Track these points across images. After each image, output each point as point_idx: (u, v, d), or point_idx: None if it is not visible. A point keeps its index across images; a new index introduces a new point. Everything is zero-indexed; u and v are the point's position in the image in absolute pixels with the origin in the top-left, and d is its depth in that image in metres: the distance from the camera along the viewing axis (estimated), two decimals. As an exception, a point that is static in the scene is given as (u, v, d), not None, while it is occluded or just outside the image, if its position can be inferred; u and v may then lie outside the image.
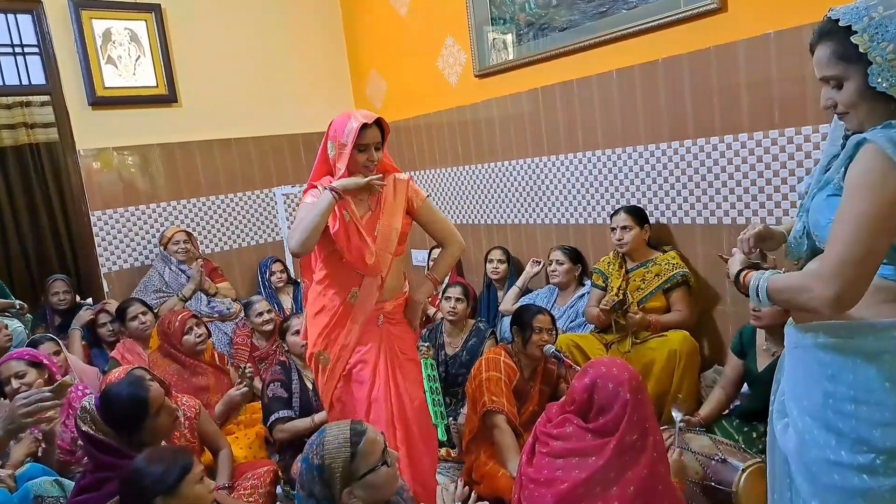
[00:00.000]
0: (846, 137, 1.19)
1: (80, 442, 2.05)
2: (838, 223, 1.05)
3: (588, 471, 1.63)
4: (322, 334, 2.09)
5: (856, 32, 1.05)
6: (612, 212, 2.96)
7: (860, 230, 1.02)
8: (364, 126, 1.97)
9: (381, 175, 2.03)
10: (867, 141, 1.04)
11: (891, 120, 1.07)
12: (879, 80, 1.03)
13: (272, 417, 2.60)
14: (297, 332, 2.69)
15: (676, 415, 2.14)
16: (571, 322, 3.11)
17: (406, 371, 2.17)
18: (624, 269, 2.87)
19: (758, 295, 1.17)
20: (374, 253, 2.02)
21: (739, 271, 1.25)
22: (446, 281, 3.44)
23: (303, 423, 2.59)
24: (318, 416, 2.56)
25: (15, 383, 2.31)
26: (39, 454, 2.17)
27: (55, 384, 1.61)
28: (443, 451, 2.67)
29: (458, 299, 3.09)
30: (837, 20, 1.08)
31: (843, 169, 1.09)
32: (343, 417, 2.06)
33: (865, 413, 1.07)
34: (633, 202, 3.03)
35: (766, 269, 1.23)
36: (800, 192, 1.28)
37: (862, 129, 1.13)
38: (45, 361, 2.44)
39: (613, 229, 2.87)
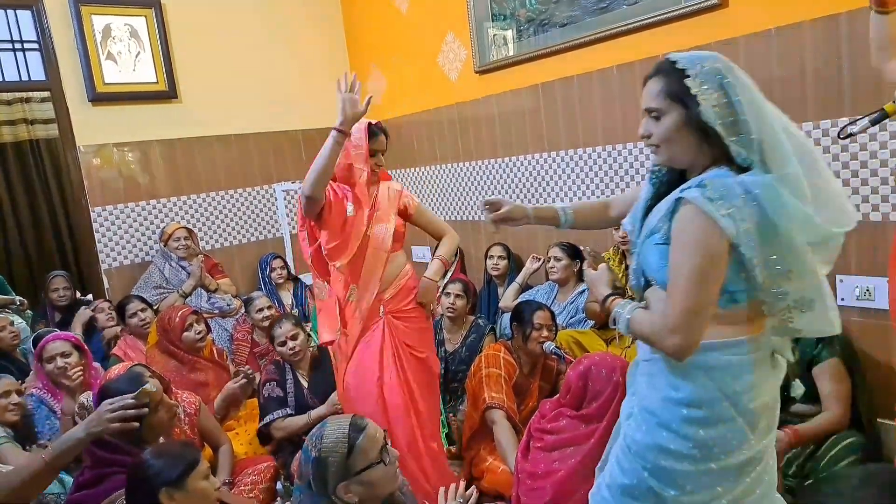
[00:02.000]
0: (653, 172, 1.35)
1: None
2: (674, 277, 1.18)
3: (581, 454, 1.65)
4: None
5: (689, 77, 1.18)
6: None
7: (694, 284, 1.15)
8: (374, 133, 2.15)
9: (370, 96, 2.10)
10: (686, 201, 1.15)
11: (695, 160, 1.22)
12: (708, 116, 1.16)
13: (268, 418, 2.61)
14: (284, 342, 2.71)
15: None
16: (571, 318, 3.11)
17: (414, 370, 2.24)
18: (623, 266, 2.87)
19: (617, 323, 1.33)
20: (349, 255, 2.15)
21: (607, 297, 1.39)
22: (448, 275, 3.45)
23: (299, 419, 2.59)
24: (315, 413, 2.57)
25: (60, 361, 2.41)
26: None
27: (137, 391, 1.70)
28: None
29: (457, 295, 3.09)
30: (675, 62, 1.21)
31: (668, 223, 1.21)
32: (352, 401, 2.17)
33: (694, 416, 1.24)
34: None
35: (628, 300, 1.35)
36: (625, 227, 1.40)
37: (669, 163, 1.28)
38: (85, 348, 2.54)
39: (618, 226, 2.85)
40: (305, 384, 2.72)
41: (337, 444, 1.41)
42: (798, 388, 2.19)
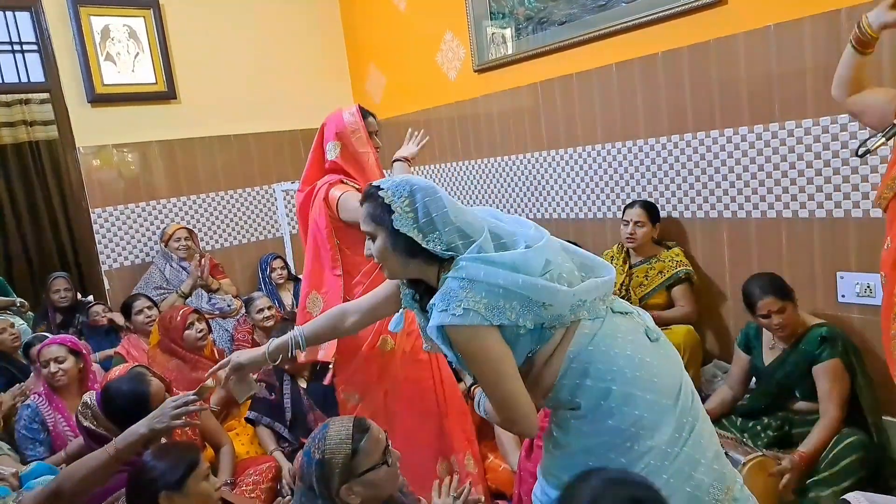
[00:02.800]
0: (403, 295, 1.46)
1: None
2: (485, 388, 1.30)
3: None
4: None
5: (383, 190, 1.29)
6: (625, 204, 2.92)
7: (497, 388, 1.25)
8: (365, 115, 2.08)
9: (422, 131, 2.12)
10: (443, 327, 1.24)
11: (416, 274, 1.34)
12: (400, 224, 1.26)
13: (251, 415, 2.64)
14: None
15: None
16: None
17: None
18: (627, 265, 2.86)
19: (479, 407, 1.47)
20: None
21: (471, 385, 1.53)
22: None
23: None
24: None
25: (53, 367, 2.40)
26: None
27: (198, 387, 1.74)
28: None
29: None
30: (378, 187, 1.30)
31: (451, 350, 1.29)
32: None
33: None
34: (633, 196, 3.02)
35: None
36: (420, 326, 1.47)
37: (394, 277, 1.44)
38: (84, 351, 2.53)
39: (626, 222, 2.81)
40: (303, 389, 2.71)
41: (341, 445, 1.41)
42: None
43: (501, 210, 3.75)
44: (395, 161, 2.34)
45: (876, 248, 2.24)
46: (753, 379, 2.40)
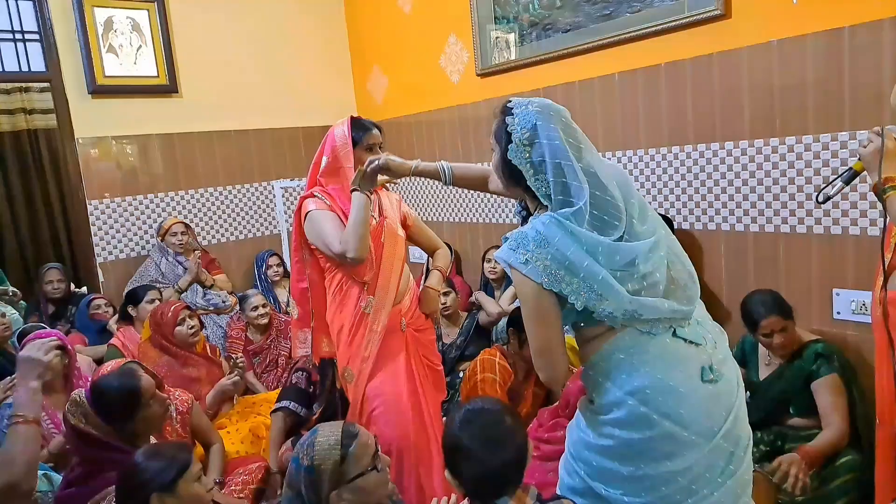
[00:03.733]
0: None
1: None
2: (524, 323, 1.33)
3: None
4: (346, 349, 2.08)
5: (512, 115, 1.31)
6: None
7: (533, 329, 1.30)
8: (367, 128, 2.06)
9: (377, 157, 2.00)
10: (503, 262, 1.29)
11: (518, 197, 1.40)
12: (513, 155, 1.29)
13: (278, 405, 2.59)
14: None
15: None
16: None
17: (431, 383, 2.20)
18: None
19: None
20: (374, 266, 2.05)
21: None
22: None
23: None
24: None
25: None
26: None
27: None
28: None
29: (444, 293, 3.12)
30: (511, 110, 1.33)
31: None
32: (382, 424, 2.03)
33: (612, 418, 1.31)
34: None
35: None
36: None
37: (500, 192, 1.58)
38: (70, 347, 2.49)
39: None
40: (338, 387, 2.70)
41: (330, 451, 1.40)
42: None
43: (500, 215, 3.76)
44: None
45: (872, 266, 2.25)
46: (748, 393, 2.40)
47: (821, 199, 1.64)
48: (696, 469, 1.26)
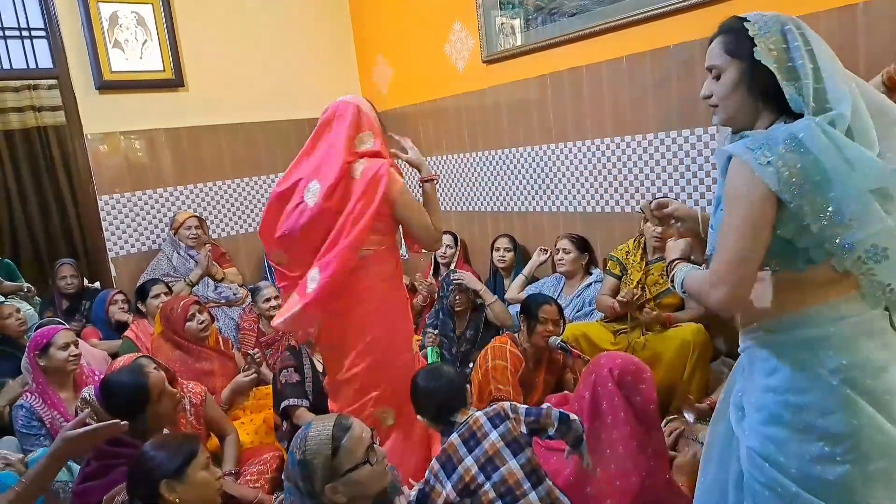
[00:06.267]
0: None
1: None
2: (721, 232, 1.18)
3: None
4: (406, 325, 2.23)
5: (749, 22, 1.20)
6: (637, 197, 2.88)
7: (736, 234, 1.13)
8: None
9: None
10: (732, 155, 1.15)
11: (754, 119, 1.22)
12: (762, 55, 1.15)
13: (284, 403, 2.61)
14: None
15: (689, 416, 2.15)
16: (578, 311, 3.09)
17: None
18: (644, 261, 2.83)
19: (674, 284, 1.33)
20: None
21: (673, 260, 1.38)
22: (452, 264, 3.54)
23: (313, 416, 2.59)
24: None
25: (74, 350, 2.45)
26: None
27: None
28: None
29: (461, 292, 3.08)
30: (743, 19, 1.21)
31: (723, 182, 1.20)
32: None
33: (806, 401, 1.14)
34: (643, 191, 2.99)
35: (689, 264, 1.34)
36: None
37: (729, 123, 1.27)
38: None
39: (646, 219, 2.79)
40: (321, 369, 2.71)
41: (321, 445, 1.39)
42: None
43: (508, 203, 3.75)
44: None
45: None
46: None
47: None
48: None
